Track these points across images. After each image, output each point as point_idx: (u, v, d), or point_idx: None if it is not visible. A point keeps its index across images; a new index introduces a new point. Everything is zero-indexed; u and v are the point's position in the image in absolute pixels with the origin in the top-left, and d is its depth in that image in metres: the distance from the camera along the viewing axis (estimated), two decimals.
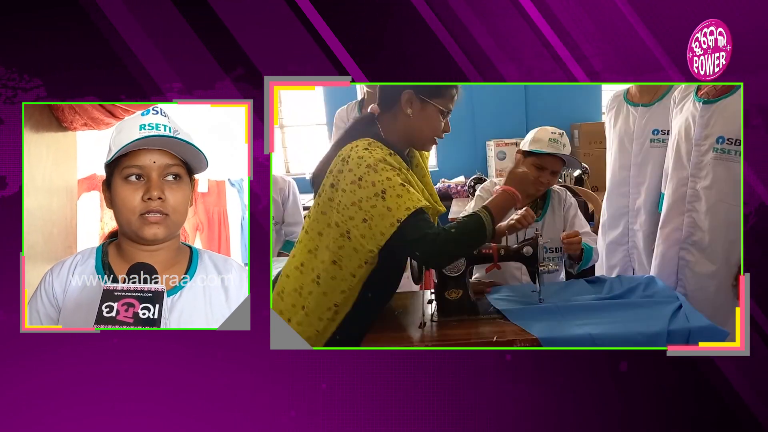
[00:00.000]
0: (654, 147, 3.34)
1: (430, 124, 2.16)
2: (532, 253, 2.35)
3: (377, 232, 2.00)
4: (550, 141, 2.83)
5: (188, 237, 3.96)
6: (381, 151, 2.07)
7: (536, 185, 2.84)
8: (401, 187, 2.00)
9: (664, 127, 3.30)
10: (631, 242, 3.45)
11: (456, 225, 2.08)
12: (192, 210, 1.84)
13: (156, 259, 1.72)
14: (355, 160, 2.03)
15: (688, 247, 2.71)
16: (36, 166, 2.98)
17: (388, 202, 1.98)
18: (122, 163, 1.71)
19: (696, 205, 2.66)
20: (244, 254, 4.12)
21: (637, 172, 3.40)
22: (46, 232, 3.05)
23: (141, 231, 1.70)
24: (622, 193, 3.47)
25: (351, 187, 2.02)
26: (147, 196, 1.69)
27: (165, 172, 1.72)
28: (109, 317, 1.50)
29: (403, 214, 1.98)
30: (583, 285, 2.60)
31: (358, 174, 2.01)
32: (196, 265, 1.82)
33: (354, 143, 2.10)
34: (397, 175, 2.03)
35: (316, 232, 2.13)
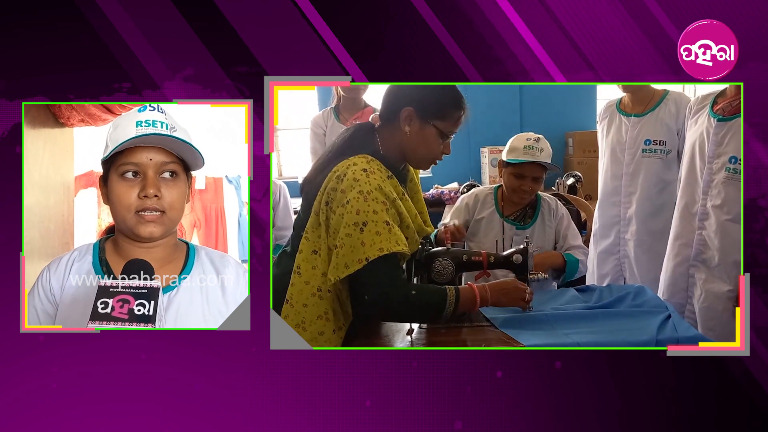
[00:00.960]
0: (646, 157, 3.38)
1: (427, 146, 2.13)
2: (522, 261, 2.37)
3: (342, 263, 1.97)
4: (526, 148, 2.85)
5: (185, 233, 3.97)
6: (379, 174, 2.04)
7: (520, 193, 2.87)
8: (384, 225, 1.97)
9: (656, 137, 3.34)
10: (622, 251, 3.49)
11: (419, 291, 2.06)
12: (189, 207, 1.84)
13: (153, 255, 1.72)
14: (349, 182, 2.00)
15: (698, 264, 2.69)
16: (33, 163, 2.98)
17: (364, 236, 1.95)
18: (118, 160, 1.71)
19: (706, 223, 2.64)
20: (241, 251, 4.13)
21: (629, 181, 3.43)
22: (42, 228, 3.06)
23: (137, 229, 1.70)
24: (613, 203, 3.51)
25: (340, 211, 1.99)
26: (143, 194, 1.69)
27: (161, 170, 1.72)
28: (104, 313, 1.50)
29: (375, 253, 1.94)
30: (572, 294, 2.60)
31: (348, 197, 1.97)
32: (193, 261, 1.83)
33: (352, 160, 2.07)
34: (386, 210, 1.99)
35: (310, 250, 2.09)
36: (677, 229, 2.80)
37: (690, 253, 2.72)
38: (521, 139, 2.89)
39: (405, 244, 2.02)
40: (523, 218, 2.96)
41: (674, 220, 2.84)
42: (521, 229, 2.93)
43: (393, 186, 2.06)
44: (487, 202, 3.02)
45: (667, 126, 3.34)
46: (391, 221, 1.99)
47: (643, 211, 3.40)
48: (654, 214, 3.38)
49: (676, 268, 2.78)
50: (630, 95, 3.46)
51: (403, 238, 2.01)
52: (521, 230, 2.93)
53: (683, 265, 2.75)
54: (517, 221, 2.96)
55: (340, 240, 1.96)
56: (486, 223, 2.99)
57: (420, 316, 2.13)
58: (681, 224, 2.77)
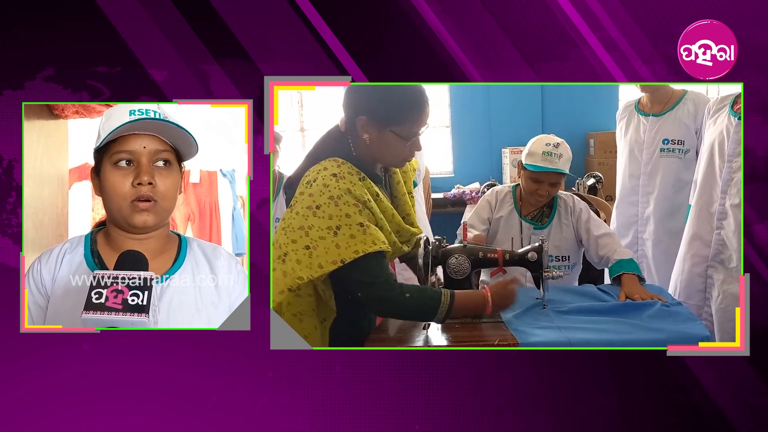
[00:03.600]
0: (664, 156, 3.37)
1: (390, 150, 2.09)
2: (537, 258, 2.38)
3: (316, 263, 1.97)
4: (544, 154, 2.85)
5: (177, 227, 3.97)
6: (350, 177, 2.03)
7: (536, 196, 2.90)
8: (358, 227, 1.98)
9: (675, 136, 3.34)
10: (640, 251, 3.48)
11: (415, 292, 2.08)
12: (182, 198, 1.84)
13: (145, 247, 1.72)
14: (319, 187, 2.00)
15: (716, 265, 2.69)
16: (27, 154, 2.97)
17: (338, 239, 1.97)
18: (112, 149, 1.72)
19: (724, 222, 2.63)
20: (235, 245, 4.15)
21: (647, 181, 3.43)
22: (36, 220, 3.05)
23: (131, 218, 1.71)
24: (631, 202, 3.51)
25: (305, 212, 2.00)
26: (137, 181, 1.70)
27: (155, 158, 1.73)
28: (98, 303, 1.50)
29: (351, 256, 1.96)
30: (592, 291, 2.62)
31: (318, 202, 1.98)
32: (185, 253, 1.84)
33: (323, 165, 2.07)
34: (359, 212, 1.99)
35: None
36: (694, 228, 2.80)
37: (708, 253, 2.72)
38: (541, 144, 2.89)
39: (383, 241, 2.03)
40: (541, 218, 2.98)
41: (690, 220, 2.84)
42: (539, 229, 2.96)
43: (367, 188, 2.05)
44: (506, 201, 3.06)
45: (686, 125, 3.33)
46: (366, 222, 2.00)
47: (661, 211, 3.40)
48: (672, 213, 3.39)
49: (693, 269, 2.79)
50: (648, 95, 3.45)
51: (380, 236, 2.02)
52: (539, 230, 2.96)
53: (700, 265, 2.75)
54: (534, 220, 2.98)
55: (313, 242, 1.97)
56: (505, 222, 3.02)
57: (414, 314, 2.16)
58: (698, 224, 2.77)
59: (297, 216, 2.00)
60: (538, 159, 2.86)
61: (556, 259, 2.93)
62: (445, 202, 6.16)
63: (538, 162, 2.85)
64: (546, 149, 2.85)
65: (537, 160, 2.86)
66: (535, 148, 2.89)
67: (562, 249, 2.94)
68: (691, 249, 2.81)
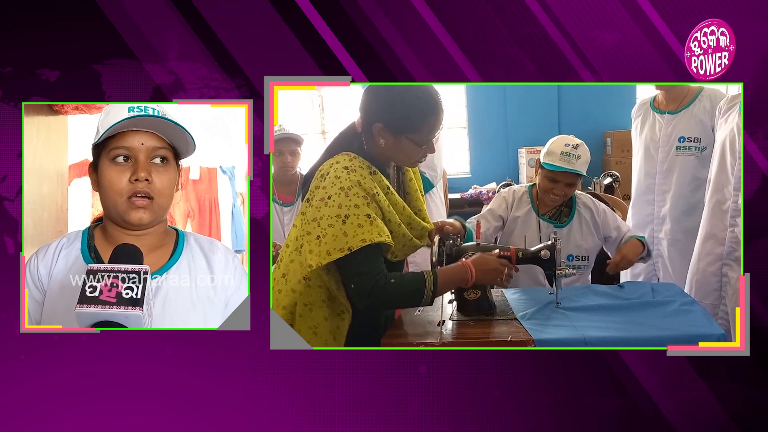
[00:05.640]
0: (680, 154, 3.32)
1: (404, 154, 2.18)
2: (550, 256, 2.39)
3: (324, 250, 2.02)
4: (563, 155, 2.87)
5: (176, 224, 3.97)
6: (361, 170, 2.10)
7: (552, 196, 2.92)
8: (365, 218, 2.03)
9: (691, 134, 3.29)
10: (656, 250, 3.43)
11: (397, 278, 2.11)
12: (180, 195, 1.85)
13: (142, 242, 1.73)
14: (331, 179, 2.07)
15: (731, 263, 2.66)
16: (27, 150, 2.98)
17: (347, 227, 2.02)
18: (110, 145, 1.74)
19: (738, 219, 2.59)
20: (234, 242, 4.15)
21: (663, 179, 3.39)
22: (36, 216, 3.06)
23: (127, 215, 1.73)
24: (647, 201, 3.47)
25: (318, 204, 2.06)
26: (134, 178, 1.72)
27: (152, 155, 1.75)
28: (92, 297, 1.49)
29: (358, 244, 2.01)
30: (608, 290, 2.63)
31: (329, 193, 2.05)
32: (182, 247, 1.85)
33: (335, 159, 2.14)
34: (367, 204, 2.05)
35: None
36: (708, 227, 2.77)
37: (722, 251, 2.69)
38: (560, 144, 2.92)
39: (387, 235, 2.08)
40: (559, 216, 3.00)
41: (704, 219, 2.81)
42: (559, 227, 2.98)
43: (377, 181, 2.12)
44: (523, 201, 3.07)
45: (702, 123, 3.28)
46: (373, 214, 2.06)
47: (677, 210, 3.35)
48: (688, 212, 3.31)
49: (707, 268, 2.76)
50: (664, 92, 3.41)
51: (385, 230, 2.07)
52: (559, 228, 2.97)
53: (715, 264, 2.73)
54: (553, 219, 3.00)
55: (323, 230, 2.03)
56: (522, 222, 3.04)
57: (400, 300, 2.18)
58: (712, 222, 2.74)
59: (311, 208, 2.08)
60: (556, 158, 2.88)
61: (577, 258, 2.95)
62: (462, 203, 6.23)
63: (556, 161, 2.87)
64: (565, 150, 2.88)
65: (555, 160, 2.87)
66: (554, 148, 2.91)
67: (582, 249, 2.95)
68: (705, 247, 2.79)
